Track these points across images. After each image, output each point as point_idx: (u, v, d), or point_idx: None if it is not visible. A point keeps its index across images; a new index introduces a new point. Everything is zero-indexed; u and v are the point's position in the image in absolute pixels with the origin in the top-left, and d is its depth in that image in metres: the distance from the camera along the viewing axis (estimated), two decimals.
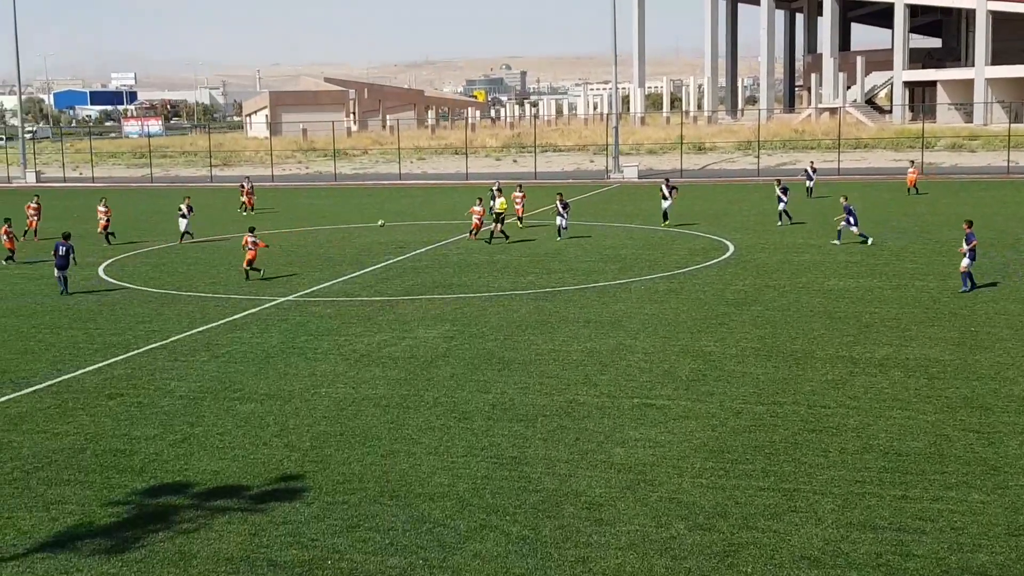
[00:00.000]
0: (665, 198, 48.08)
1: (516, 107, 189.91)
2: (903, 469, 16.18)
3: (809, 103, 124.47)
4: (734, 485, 15.73)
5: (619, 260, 37.87)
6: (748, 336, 25.35)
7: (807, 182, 59.76)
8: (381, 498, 15.53)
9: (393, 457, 17.33)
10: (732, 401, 20.04)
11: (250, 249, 34.84)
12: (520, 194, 49.28)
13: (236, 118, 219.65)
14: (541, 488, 15.81)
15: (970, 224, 30.69)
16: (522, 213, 49.07)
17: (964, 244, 30.19)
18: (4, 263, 40.66)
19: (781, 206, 47.12)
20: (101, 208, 47.91)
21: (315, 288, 33.64)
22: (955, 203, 54.90)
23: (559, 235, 44.13)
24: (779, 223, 46.96)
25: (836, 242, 40.28)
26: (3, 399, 21.33)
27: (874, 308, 28.13)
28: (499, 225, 44.40)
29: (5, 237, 41.14)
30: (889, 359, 22.79)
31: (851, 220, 40.12)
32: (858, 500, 15.03)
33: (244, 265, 35.21)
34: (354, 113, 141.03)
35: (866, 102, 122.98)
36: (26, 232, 47.53)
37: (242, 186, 61.91)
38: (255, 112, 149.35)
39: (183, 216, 46.91)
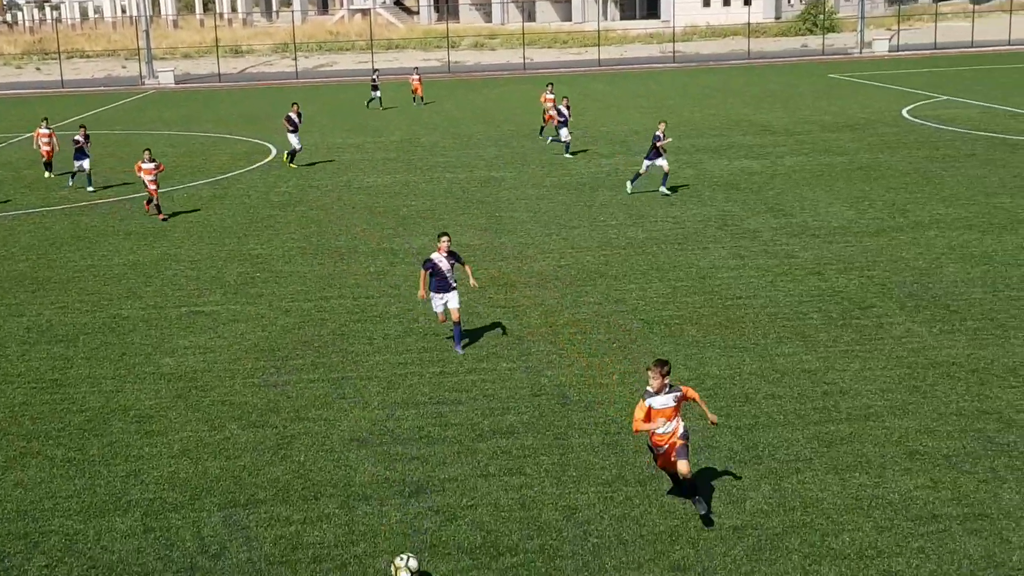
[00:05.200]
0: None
1: (36, 11, 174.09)
2: (440, 347, 17.43)
3: (341, 4, 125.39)
4: (285, 381, 16.17)
5: None
6: (294, 236, 25.75)
7: (374, 92, 55.80)
8: None
9: None
10: (281, 300, 20.39)
11: None
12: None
13: None
14: (86, 408, 15.32)
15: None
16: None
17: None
18: None
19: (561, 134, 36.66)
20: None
21: None
22: (479, 99, 58.31)
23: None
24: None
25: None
26: None
27: (411, 201, 29.55)
28: None
29: None
30: (426, 248, 24.11)
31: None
32: (401, 380, 16.04)
33: None
34: None
35: (395, 3, 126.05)
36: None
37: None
38: None
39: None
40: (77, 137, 32.77)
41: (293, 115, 36.25)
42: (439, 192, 30.80)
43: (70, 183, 33.39)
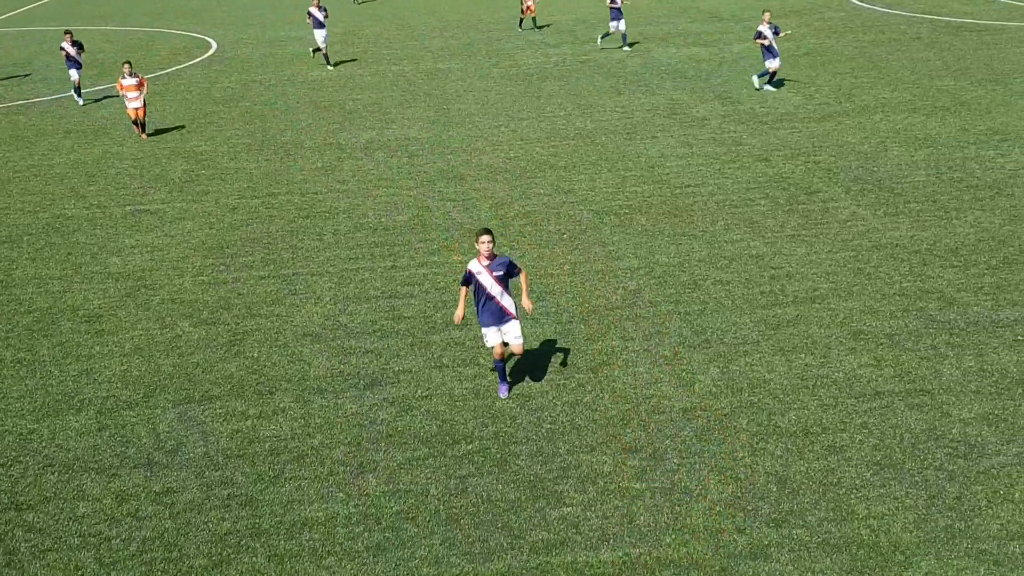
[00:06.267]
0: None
1: None
2: (391, 242, 17.39)
3: None
4: (235, 278, 16.10)
5: (96, 65, 35.60)
6: (238, 132, 25.33)
7: None
8: None
9: None
10: (227, 198, 20.16)
11: None
12: None
13: None
14: (34, 308, 15.19)
15: None
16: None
17: None
18: None
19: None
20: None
21: None
22: None
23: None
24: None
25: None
26: None
27: (356, 95, 29.11)
28: None
29: None
30: (373, 142, 23.92)
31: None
32: (353, 275, 16.03)
33: None
34: None
35: None
36: None
37: None
38: None
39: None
40: (64, 45, 29.60)
41: (314, 9, 33.64)
42: (385, 85, 30.35)
43: (80, 102, 29.60)
